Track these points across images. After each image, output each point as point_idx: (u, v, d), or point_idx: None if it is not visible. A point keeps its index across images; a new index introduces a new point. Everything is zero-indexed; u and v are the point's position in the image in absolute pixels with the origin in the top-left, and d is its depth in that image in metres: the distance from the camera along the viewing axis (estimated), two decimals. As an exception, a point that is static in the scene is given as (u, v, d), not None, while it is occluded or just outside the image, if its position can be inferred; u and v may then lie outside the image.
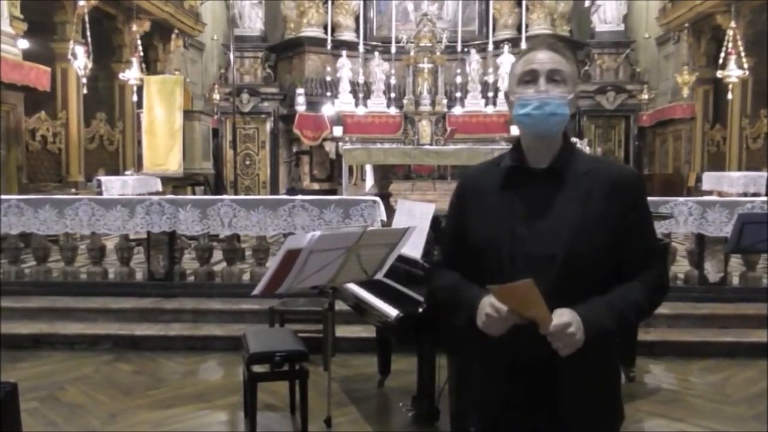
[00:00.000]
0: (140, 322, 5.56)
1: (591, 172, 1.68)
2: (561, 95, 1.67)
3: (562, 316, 1.54)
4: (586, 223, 1.62)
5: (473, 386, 1.81)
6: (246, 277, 6.07)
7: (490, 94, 13.35)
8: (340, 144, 12.28)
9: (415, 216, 3.41)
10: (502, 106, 13.21)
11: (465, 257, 1.79)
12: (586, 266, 1.61)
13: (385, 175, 11.09)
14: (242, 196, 8.87)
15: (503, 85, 13.35)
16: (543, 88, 1.66)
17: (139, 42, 11.20)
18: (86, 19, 9.66)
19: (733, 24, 10.43)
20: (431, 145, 11.73)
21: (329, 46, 13.79)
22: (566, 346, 1.54)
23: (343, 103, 13.33)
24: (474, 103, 13.33)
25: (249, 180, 14.23)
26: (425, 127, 12.05)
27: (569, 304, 1.57)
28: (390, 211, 6.01)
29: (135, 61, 10.67)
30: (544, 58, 1.69)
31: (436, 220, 3.45)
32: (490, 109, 13.23)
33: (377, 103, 13.36)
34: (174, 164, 9.59)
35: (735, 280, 5.87)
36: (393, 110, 13.17)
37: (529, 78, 1.68)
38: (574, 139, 11.18)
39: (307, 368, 3.54)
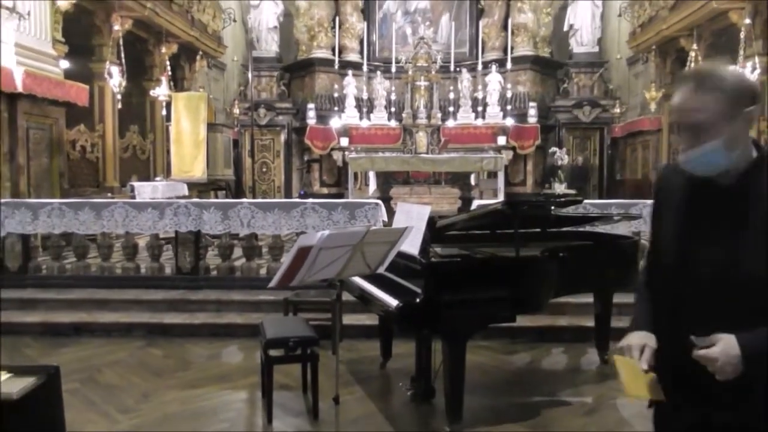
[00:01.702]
0: (169, 311, 5.57)
1: None
2: (703, 151, 1.38)
3: (715, 348, 1.34)
4: (761, 245, 1.36)
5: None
6: (263, 271, 6.08)
7: (480, 109, 13.33)
8: (347, 153, 12.29)
9: (413, 217, 3.41)
10: (490, 119, 13.24)
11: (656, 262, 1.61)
12: (758, 290, 1.37)
13: (386, 180, 11.11)
14: (259, 200, 8.87)
15: (491, 100, 13.38)
16: (683, 146, 1.40)
17: (167, 62, 11.20)
18: (121, 42, 9.66)
19: (695, 47, 10.44)
20: (427, 154, 11.75)
21: (337, 66, 13.77)
22: (719, 374, 1.35)
23: (349, 116, 13.33)
24: (465, 116, 13.30)
25: (265, 185, 14.21)
26: (422, 138, 12.04)
27: (734, 326, 1.36)
28: (390, 212, 6.01)
29: (164, 79, 10.67)
30: (677, 105, 1.41)
31: (431, 220, 3.46)
32: (479, 122, 13.21)
33: (379, 117, 13.35)
34: (199, 171, 9.64)
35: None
36: (393, 123, 13.15)
37: (675, 127, 1.44)
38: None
39: (317, 352, 3.56)
